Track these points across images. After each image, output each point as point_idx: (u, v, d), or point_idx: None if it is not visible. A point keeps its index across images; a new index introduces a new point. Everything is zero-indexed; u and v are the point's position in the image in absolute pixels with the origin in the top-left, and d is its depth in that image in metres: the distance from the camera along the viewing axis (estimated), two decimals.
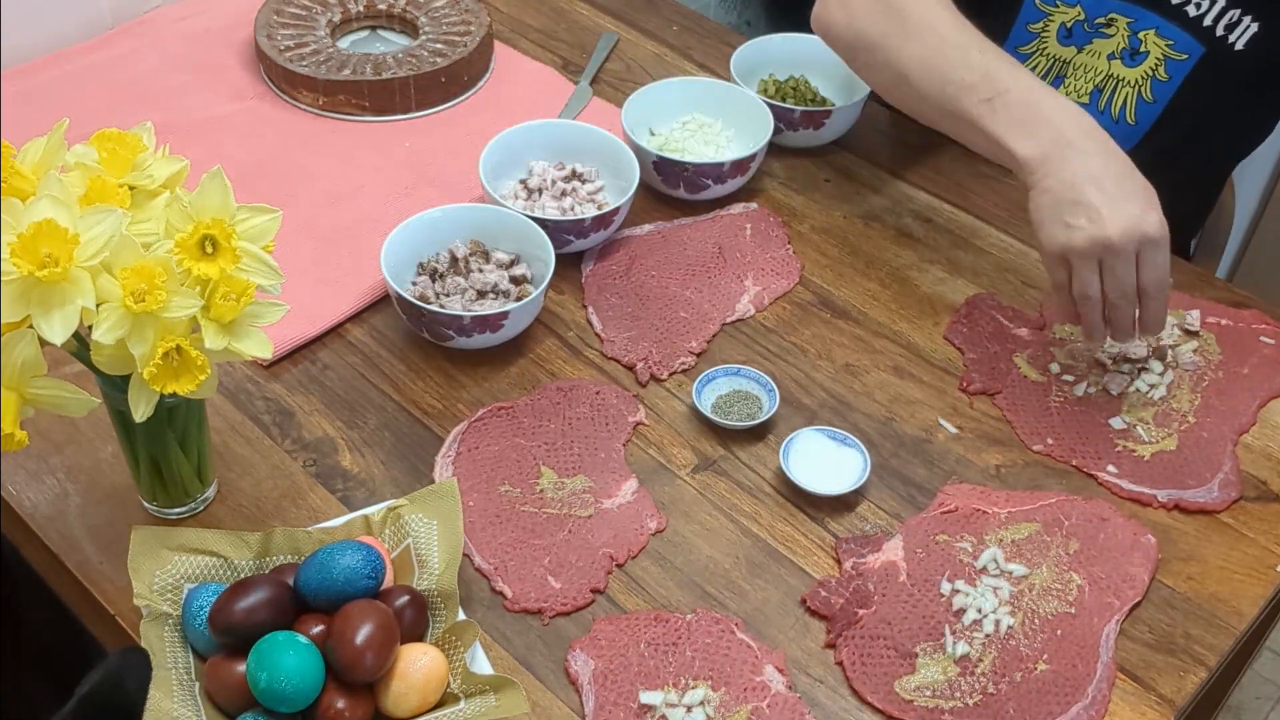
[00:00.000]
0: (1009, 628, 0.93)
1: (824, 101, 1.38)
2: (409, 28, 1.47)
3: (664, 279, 1.20)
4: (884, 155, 1.37)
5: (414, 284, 1.13)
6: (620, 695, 0.88)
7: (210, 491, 0.99)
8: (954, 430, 1.09)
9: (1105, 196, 0.97)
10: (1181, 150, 1.28)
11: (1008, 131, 1.02)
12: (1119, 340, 1.05)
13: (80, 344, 0.82)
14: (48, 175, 0.79)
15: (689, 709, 0.87)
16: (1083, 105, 1.25)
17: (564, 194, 1.23)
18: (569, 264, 1.21)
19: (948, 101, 1.06)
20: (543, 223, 1.15)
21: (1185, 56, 1.19)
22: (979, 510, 1.01)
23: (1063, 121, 1.01)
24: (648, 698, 0.87)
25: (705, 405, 1.07)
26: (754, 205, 1.30)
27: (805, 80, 1.39)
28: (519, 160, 1.26)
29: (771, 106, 1.30)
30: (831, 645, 0.93)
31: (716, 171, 1.25)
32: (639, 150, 1.25)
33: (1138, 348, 1.11)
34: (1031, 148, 1.01)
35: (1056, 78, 1.27)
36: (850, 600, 0.95)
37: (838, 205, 1.30)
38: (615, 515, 1.00)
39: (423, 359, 1.12)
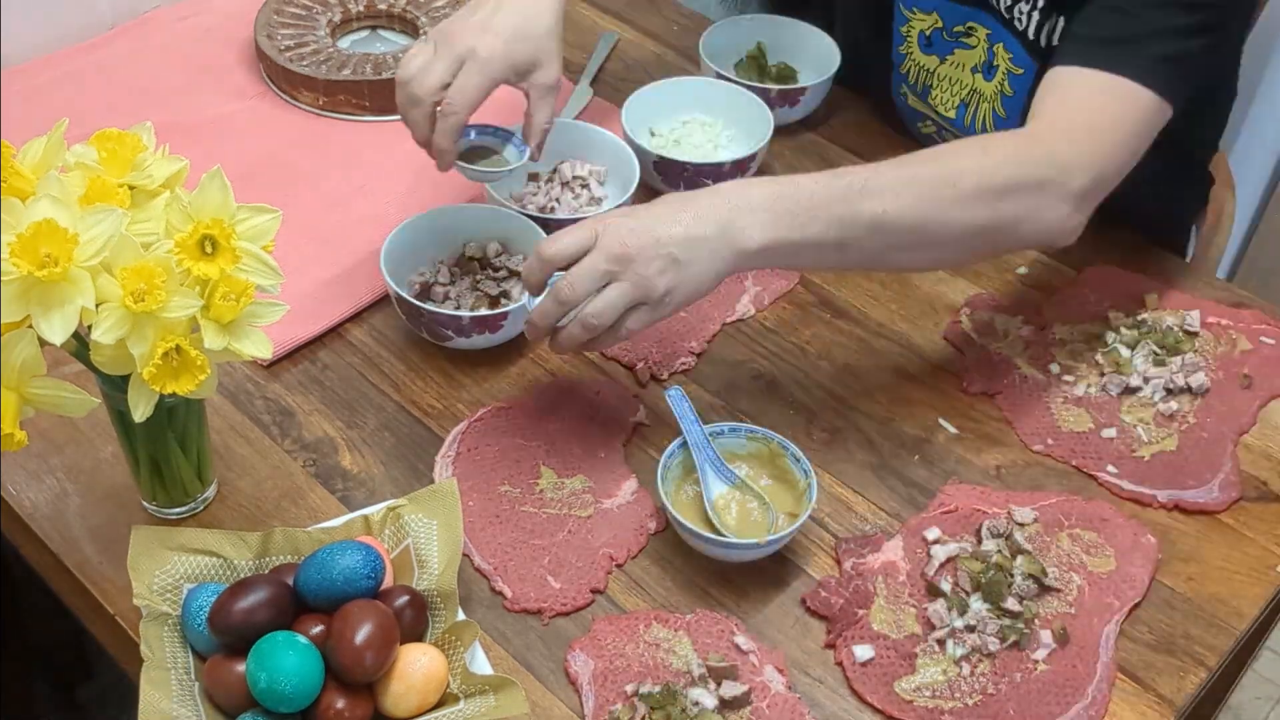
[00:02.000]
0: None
1: (795, 77, 1.40)
2: (409, 28, 1.47)
3: None
4: (885, 156, 1.36)
5: (437, 280, 1.13)
6: (620, 695, 0.88)
7: (210, 491, 0.99)
8: (954, 430, 1.09)
9: (480, 24, 1.06)
10: None
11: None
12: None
13: (80, 344, 0.82)
14: (48, 175, 0.79)
15: (688, 709, 0.87)
16: (948, 120, 1.27)
17: (565, 193, 1.23)
18: None
19: None
20: (543, 223, 1.15)
21: (1022, 71, 1.19)
22: (979, 510, 1.01)
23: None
24: (647, 699, 0.87)
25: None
26: None
27: (785, 63, 1.42)
28: None
29: (748, 87, 1.33)
30: (831, 645, 0.93)
31: (716, 171, 1.25)
32: (639, 150, 1.25)
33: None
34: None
35: (924, 88, 1.28)
36: (850, 600, 0.94)
37: None
38: (615, 515, 1.00)
39: (423, 359, 1.12)
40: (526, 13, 1.09)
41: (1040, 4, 1.14)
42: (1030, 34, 1.16)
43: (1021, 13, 1.15)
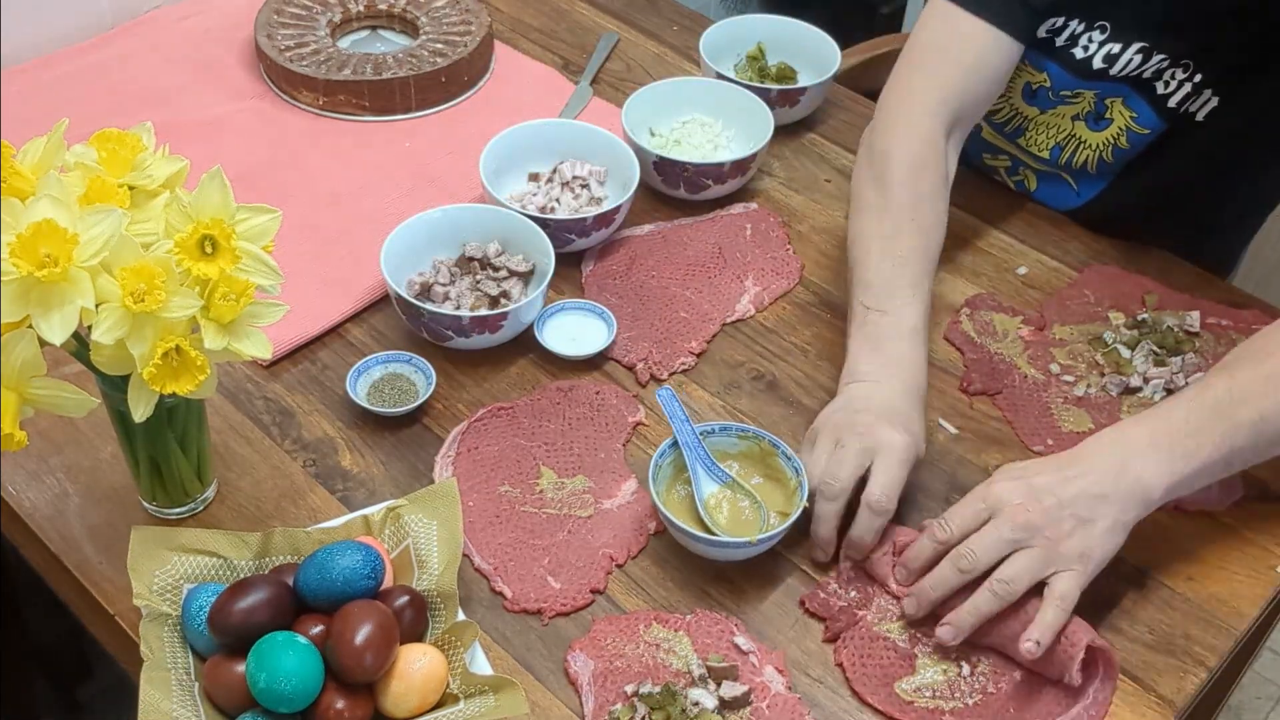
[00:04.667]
0: None
1: (794, 77, 1.40)
2: (409, 28, 1.47)
3: (664, 279, 1.20)
4: None
5: (434, 279, 1.13)
6: (619, 696, 0.88)
7: (210, 491, 0.99)
8: (954, 430, 1.09)
9: (872, 412, 0.98)
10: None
11: (858, 343, 1.05)
12: (852, 547, 0.96)
13: (80, 344, 0.82)
14: (48, 175, 0.79)
15: (688, 709, 0.87)
16: (1040, 158, 1.27)
17: (565, 193, 1.23)
18: (569, 264, 1.21)
19: (850, 283, 1.10)
20: (543, 222, 1.15)
21: (1147, 131, 1.20)
22: None
23: (896, 363, 1.03)
24: (647, 699, 0.87)
25: (360, 394, 1.06)
26: (754, 205, 1.30)
27: (785, 64, 1.42)
28: (519, 160, 1.26)
29: (748, 87, 1.33)
30: (831, 640, 0.93)
31: (716, 171, 1.25)
32: (639, 150, 1.25)
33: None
34: (858, 365, 1.03)
35: (1016, 130, 1.28)
36: (850, 601, 0.94)
37: (838, 205, 1.30)
38: (615, 515, 1.00)
39: (423, 359, 1.11)
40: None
41: (1196, 80, 1.15)
42: (1172, 102, 1.17)
43: (1172, 79, 1.16)
